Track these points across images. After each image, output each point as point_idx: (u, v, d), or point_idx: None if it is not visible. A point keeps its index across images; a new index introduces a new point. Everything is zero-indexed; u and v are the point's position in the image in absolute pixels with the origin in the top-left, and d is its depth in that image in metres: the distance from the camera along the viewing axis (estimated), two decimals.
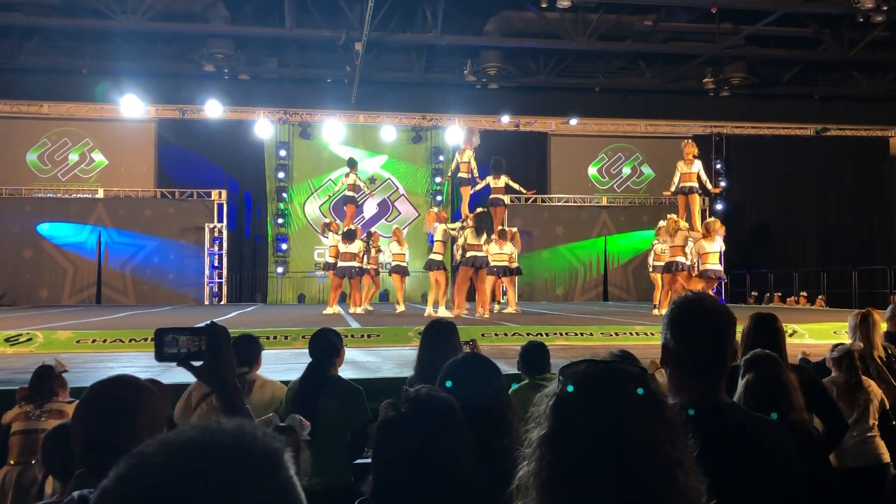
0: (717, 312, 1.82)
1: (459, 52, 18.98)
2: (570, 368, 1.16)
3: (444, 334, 3.61)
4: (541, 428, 1.12)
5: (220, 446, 0.71)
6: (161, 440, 0.72)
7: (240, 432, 0.73)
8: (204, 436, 0.72)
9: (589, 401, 1.10)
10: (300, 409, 3.66)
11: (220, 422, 0.74)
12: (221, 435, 0.72)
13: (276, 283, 21.13)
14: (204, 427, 0.73)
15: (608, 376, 1.13)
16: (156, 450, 0.71)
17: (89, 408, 1.80)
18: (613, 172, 22.97)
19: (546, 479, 1.08)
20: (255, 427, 0.75)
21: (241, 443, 0.72)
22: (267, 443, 0.73)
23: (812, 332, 9.17)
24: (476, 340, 4.41)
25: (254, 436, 0.73)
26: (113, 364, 6.72)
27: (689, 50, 18.70)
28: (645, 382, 1.14)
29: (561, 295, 21.68)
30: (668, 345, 1.80)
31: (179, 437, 0.72)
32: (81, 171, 20.58)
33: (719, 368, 1.80)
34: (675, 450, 1.08)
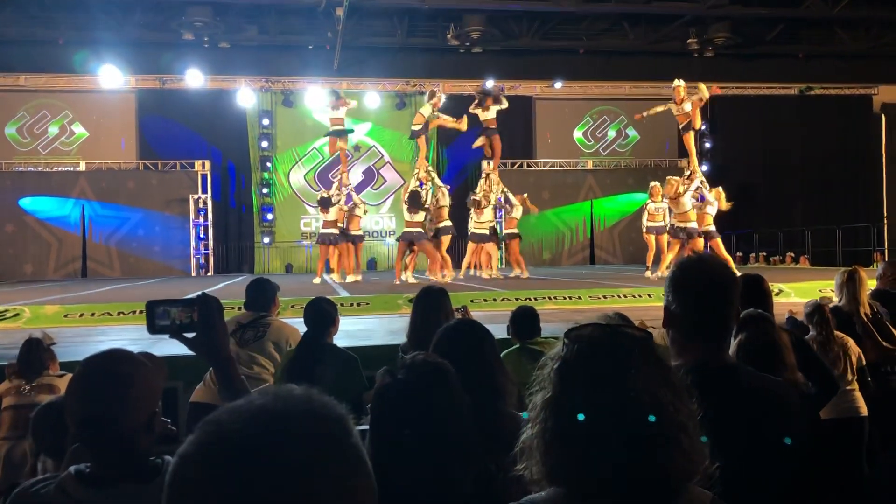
0: (721, 273, 1.80)
1: (442, 16, 18.76)
2: (575, 331, 1.16)
3: (436, 301, 3.62)
4: (545, 391, 1.13)
5: (293, 413, 0.73)
6: (233, 408, 0.73)
7: (309, 399, 0.75)
8: (277, 403, 0.73)
9: (593, 364, 1.10)
10: (296, 378, 3.67)
11: (289, 388, 0.77)
12: (293, 402, 0.74)
13: (263, 253, 21.07)
14: (276, 394, 0.75)
15: (613, 340, 1.13)
16: (231, 416, 0.72)
17: (83, 383, 1.79)
18: (599, 135, 22.94)
19: (550, 442, 1.09)
20: (321, 394, 0.77)
21: (313, 409, 0.74)
22: (336, 409, 0.76)
23: (798, 290, 9.25)
24: (467, 307, 4.41)
25: (322, 403, 0.76)
26: (102, 337, 6.70)
27: (672, 10, 18.57)
28: (651, 346, 1.14)
29: (548, 259, 21.76)
30: (671, 307, 1.79)
31: (252, 404, 0.73)
32: (62, 143, 20.34)
33: (724, 329, 1.79)
34: (678, 413, 1.08)
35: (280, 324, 4.53)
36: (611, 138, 23.00)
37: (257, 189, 21.11)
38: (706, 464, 1.10)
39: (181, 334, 1.73)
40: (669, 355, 1.17)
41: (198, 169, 20.12)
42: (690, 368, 1.70)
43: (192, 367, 4.31)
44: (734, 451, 1.24)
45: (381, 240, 21.83)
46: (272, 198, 21.15)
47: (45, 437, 2.49)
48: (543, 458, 1.09)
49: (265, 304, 4.56)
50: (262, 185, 21.05)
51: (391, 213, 21.85)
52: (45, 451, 2.51)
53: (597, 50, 20.46)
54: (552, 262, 21.67)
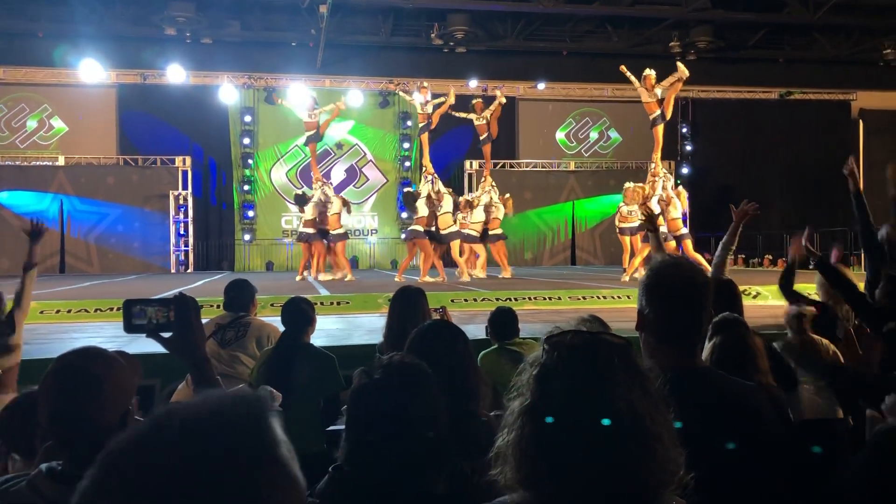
0: (694, 277, 1.80)
1: (426, 16, 18.77)
2: (554, 338, 1.16)
3: (413, 301, 3.62)
4: (523, 398, 1.12)
5: (212, 423, 0.69)
6: (137, 438, 0.68)
7: (228, 404, 0.71)
8: (187, 412, 0.70)
9: (572, 372, 1.10)
10: (273, 377, 3.66)
11: (205, 396, 0.72)
12: (205, 410, 0.70)
13: (244, 250, 20.96)
14: (184, 418, 0.70)
15: (593, 347, 1.13)
16: (131, 448, 0.68)
17: (56, 380, 1.78)
18: (581, 137, 23.02)
19: (526, 449, 1.08)
20: (241, 400, 0.72)
21: (223, 417, 0.70)
22: (252, 417, 0.71)
23: (775, 293, 9.32)
24: (446, 307, 4.41)
25: (240, 414, 0.70)
26: (78, 335, 6.65)
27: (656, 13, 18.68)
28: (630, 354, 1.14)
29: (530, 259, 21.82)
30: (644, 310, 1.79)
31: (172, 418, 0.69)
32: (41, 137, 20.12)
33: (696, 334, 1.79)
34: (654, 424, 1.08)
35: (260, 322, 4.53)
36: (593, 140, 23.10)
37: (238, 186, 20.99)
38: (681, 473, 1.10)
39: (157, 334, 1.73)
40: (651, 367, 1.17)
41: (178, 165, 19.98)
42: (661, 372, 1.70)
43: (170, 365, 4.28)
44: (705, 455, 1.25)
45: (363, 238, 21.78)
46: (253, 195, 21.04)
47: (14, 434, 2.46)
48: (518, 465, 1.09)
49: (244, 304, 4.55)
50: (244, 182, 20.94)
51: (373, 212, 21.82)
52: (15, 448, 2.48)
53: (580, 52, 20.54)
54: (534, 262, 21.74)
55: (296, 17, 18.15)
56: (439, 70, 20.06)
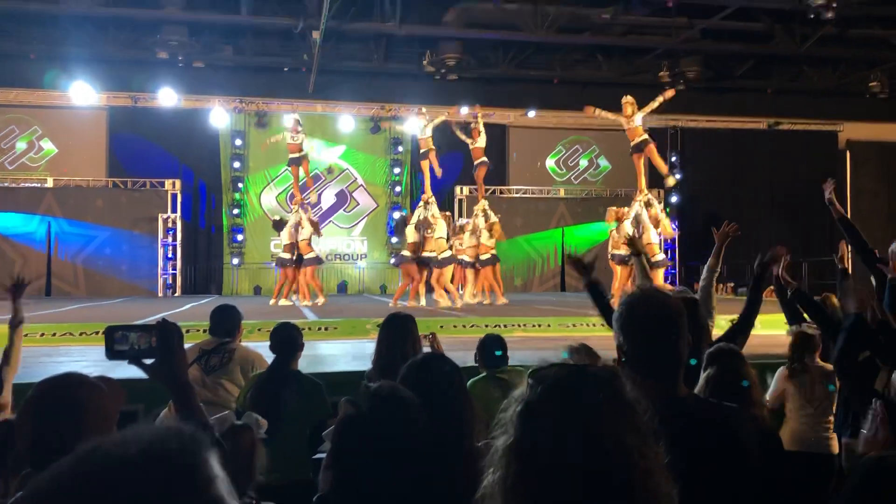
0: (666, 307, 1.81)
1: (418, 43, 18.90)
2: (539, 372, 1.13)
3: (403, 327, 3.59)
4: (507, 435, 1.09)
5: (125, 478, 0.63)
6: (78, 454, 0.66)
7: (158, 442, 0.66)
8: (119, 450, 0.65)
9: (557, 408, 1.07)
10: (261, 404, 3.62)
11: (125, 440, 0.67)
12: (137, 448, 0.65)
13: (232, 274, 20.87)
14: (123, 438, 0.66)
15: (578, 381, 1.10)
16: (70, 464, 0.65)
17: (36, 406, 1.75)
18: (571, 164, 23.15)
19: (512, 488, 1.05)
20: (167, 440, 0.67)
21: (158, 456, 0.65)
22: (184, 458, 0.66)
23: (764, 322, 9.32)
24: (435, 333, 4.39)
25: (167, 453, 0.65)
26: (62, 358, 6.57)
27: (645, 43, 18.91)
28: (617, 387, 1.12)
29: (519, 286, 21.82)
30: (623, 346, 1.79)
31: (76, 470, 0.65)
32: (30, 159, 20.05)
33: (674, 363, 1.79)
34: (643, 459, 1.05)
35: (245, 349, 4.48)
36: (583, 167, 23.23)
37: (228, 210, 20.95)
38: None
39: (140, 360, 1.70)
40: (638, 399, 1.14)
41: (168, 188, 19.94)
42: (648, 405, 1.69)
43: (154, 390, 4.22)
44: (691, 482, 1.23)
45: (352, 263, 21.74)
46: (243, 219, 21.00)
47: None
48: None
49: (230, 329, 4.50)
50: (233, 205, 20.90)
51: (363, 237, 21.80)
52: None
53: (571, 80, 20.72)
54: (523, 289, 21.73)
55: (288, 43, 18.25)
56: (431, 97, 20.17)
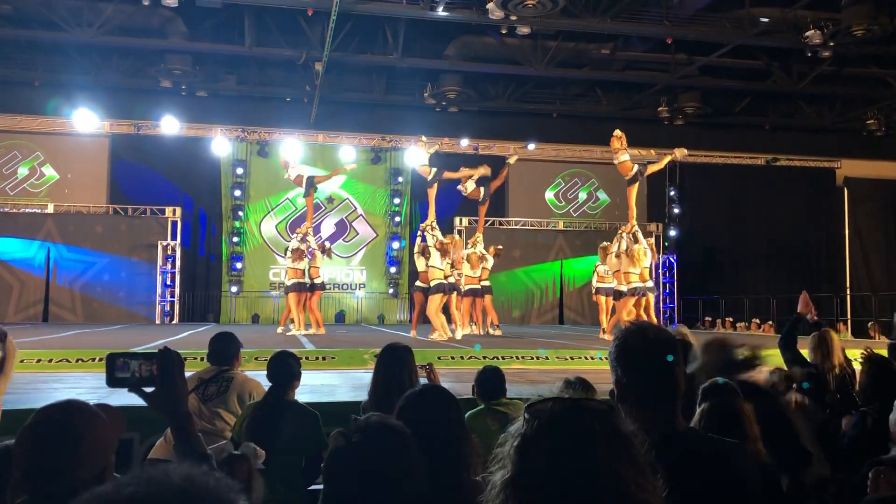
0: (660, 340, 1.82)
1: (420, 75, 19.10)
2: (535, 406, 1.14)
3: (400, 358, 3.59)
4: (504, 470, 1.09)
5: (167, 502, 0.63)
6: (99, 496, 0.64)
7: (189, 484, 0.64)
8: (149, 490, 0.63)
9: (553, 443, 1.08)
10: (257, 433, 3.60)
11: (167, 471, 0.66)
12: (168, 490, 0.64)
13: (230, 302, 20.84)
14: (149, 479, 0.65)
15: (575, 415, 1.11)
16: (112, 492, 0.63)
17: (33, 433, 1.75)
18: (570, 197, 23.25)
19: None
20: (205, 475, 0.66)
21: (190, 496, 0.64)
22: (220, 494, 0.65)
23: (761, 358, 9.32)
24: (432, 364, 4.38)
25: (206, 487, 0.65)
26: (58, 385, 6.54)
27: (644, 78, 19.11)
28: (613, 420, 1.12)
29: (517, 318, 21.78)
30: (620, 380, 1.80)
31: (121, 492, 0.63)
32: (31, 185, 20.12)
33: (671, 395, 1.80)
34: (641, 491, 1.06)
35: (243, 377, 4.46)
36: (582, 200, 23.32)
37: (227, 238, 20.98)
38: None
39: (140, 388, 1.71)
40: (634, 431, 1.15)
41: (168, 215, 19.99)
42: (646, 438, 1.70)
43: (149, 419, 4.20)
44: None
45: (350, 292, 21.72)
46: (242, 247, 21.02)
47: None
48: None
49: (228, 358, 4.49)
50: (233, 233, 20.93)
51: (362, 266, 21.82)
52: None
53: (570, 114, 20.92)
54: (521, 321, 21.69)
55: (291, 73, 18.43)
56: (432, 128, 20.30)
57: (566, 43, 17.34)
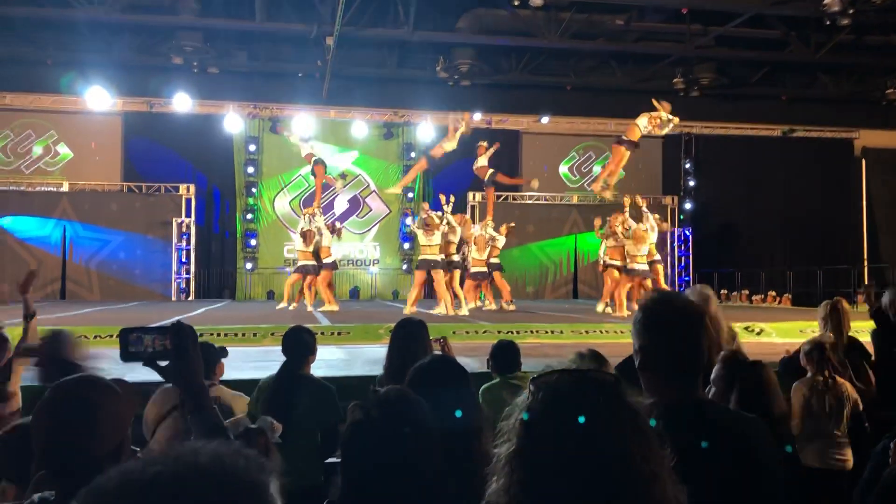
0: (687, 310, 1.81)
1: (432, 49, 18.93)
2: (540, 379, 1.13)
3: (414, 333, 3.59)
4: (510, 444, 1.09)
5: (192, 482, 0.62)
6: (125, 474, 0.63)
7: (218, 464, 0.63)
8: (177, 469, 0.62)
9: (558, 415, 1.07)
10: (272, 408, 3.62)
11: (196, 450, 0.64)
12: (195, 468, 0.63)
13: (245, 279, 20.95)
14: (176, 458, 0.64)
15: (579, 387, 1.10)
16: (118, 487, 0.62)
17: (50, 409, 1.75)
18: (584, 170, 23.11)
19: (515, 496, 1.05)
20: (235, 455, 0.65)
21: (217, 477, 0.63)
22: (250, 474, 0.64)
23: (779, 330, 9.29)
24: (447, 338, 4.38)
25: (234, 467, 0.64)
26: None
27: (659, 50, 18.85)
28: (619, 391, 1.10)
29: (531, 293, 21.77)
30: (642, 348, 1.78)
31: (147, 471, 0.63)
32: (46, 163, 20.22)
33: (695, 367, 1.79)
34: (648, 463, 1.04)
35: (222, 391, 4.26)
36: (596, 174, 23.14)
37: (241, 215, 21.04)
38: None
39: (154, 362, 1.71)
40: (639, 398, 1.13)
41: (182, 193, 20.06)
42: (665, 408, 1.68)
43: None
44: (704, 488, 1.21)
45: (364, 268, 21.77)
46: (256, 224, 21.08)
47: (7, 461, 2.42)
48: None
49: (206, 371, 4.29)
50: (247, 210, 20.99)
51: (375, 242, 21.84)
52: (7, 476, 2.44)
53: (584, 86, 20.69)
54: (535, 296, 21.69)
55: (302, 49, 18.32)
56: (444, 102, 20.21)
57: (580, 14, 17.12)
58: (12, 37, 17.81)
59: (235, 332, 8.15)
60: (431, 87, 19.86)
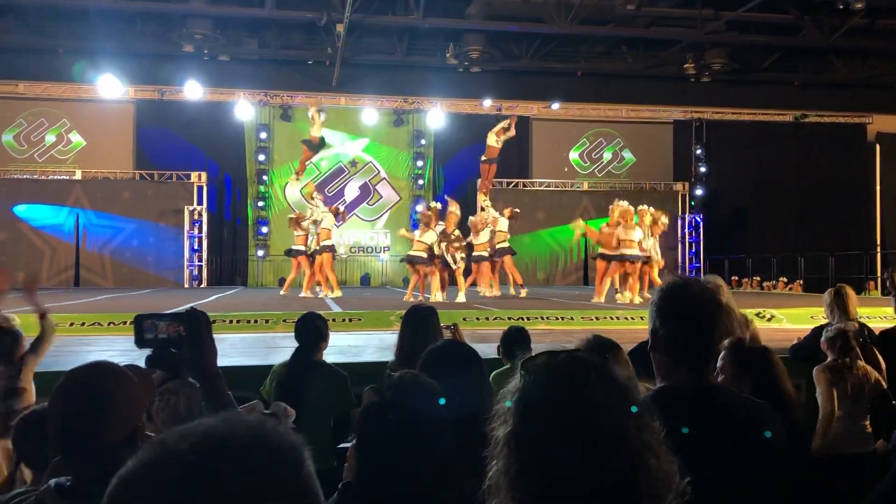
0: (704, 297, 1.81)
1: (442, 36, 18.88)
2: (529, 362, 1.15)
3: (425, 319, 3.61)
4: (506, 425, 1.10)
5: (242, 438, 0.70)
6: (182, 430, 0.71)
7: (261, 426, 0.73)
8: (226, 427, 0.71)
9: (550, 393, 1.09)
10: (285, 394, 3.65)
11: (240, 414, 0.75)
12: (243, 427, 0.72)
13: (257, 266, 21.03)
14: (225, 419, 0.73)
15: (568, 366, 1.12)
16: (177, 439, 0.70)
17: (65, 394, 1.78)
18: (595, 157, 23.03)
19: (515, 477, 1.07)
20: (275, 422, 0.76)
21: (262, 436, 0.72)
22: (288, 438, 0.74)
23: (790, 316, 9.26)
24: (457, 325, 4.40)
25: (276, 430, 0.74)
26: (91, 348, 6.67)
27: (670, 35, 18.70)
28: (607, 368, 1.12)
29: (542, 279, 21.77)
30: (656, 331, 1.80)
31: (200, 427, 0.71)
32: (58, 151, 20.33)
33: (707, 352, 1.79)
34: (643, 433, 1.06)
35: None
36: (606, 160, 23.09)
37: (253, 202, 21.11)
38: (677, 482, 1.08)
39: (168, 348, 1.73)
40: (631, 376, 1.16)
41: (194, 181, 20.13)
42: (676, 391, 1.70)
43: None
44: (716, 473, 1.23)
45: (374, 255, 21.81)
46: (267, 211, 21.14)
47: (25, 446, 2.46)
48: (510, 493, 1.07)
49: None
50: (258, 198, 21.05)
51: (386, 230, 21.86)
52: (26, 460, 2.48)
53: (595, 72, 20.59)
54: (546, 282, 21.68)
55: (312, 36, 18.30)
56: (454, 89, 20.17)
57: (590, 0, 17.02)
58: (25, 26, 17.88)
59: (248, 318, 8.19)
60: (441, 73, 19.82)
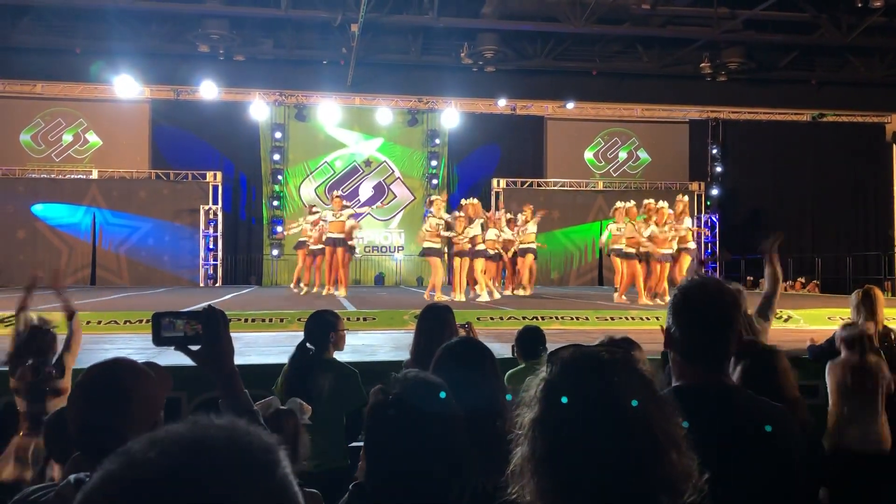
0: (721, 296, 1.81)
1: (456, 35, 18.86)
2: (556, 353, 1.19)
3: (441, 318, 3.61)
4: (532, 411, 1.13)
5: (212, 442, 0.67)
6: (150, 436, 0.68)
7: (233, 428, 0.70)
8: (195, 432, 0.68)
9: (578, 381, 1.12)
10: (296, 391, 3.66)
11: (211, 418, 0.71)
12: (214, 431, 0.69)
13: (272, 265, 21.12)
14: (195, 423, 0.70)
15: (595, 359, 1.15)
16: (144, 445, 0.67)
17: (84, 391, 1.80)
18: (610, 157, 22.95)
19: (540, 460, 1.09)
20: (248, 424, 0.72)
21: (235, 438, 0.68)
22: (262, 440, 0.70)
23: (807, 317, 9.20)
24: (472, 323, 4.40)
25: (247, 432, 0.70)
26: (108, 346, 6.72)
27: (686, 34, 18.61)
28: (633, 363, 1.15)
29: (556, 279, 21.72)
30: (672, 329, 1.80)
31: (169, 433, 0.68)
32: (75, 151, 20.49)
33: (723, 352, 1.79)
34: (666, 424, 1.08)
35: None
36: (622, 160, 23.01)
37: (268, 201, 21.20)
38: (696, 478, 1.09)
39: (186, 346, 1.73)
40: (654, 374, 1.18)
41: (209, 180, 20.23)
42: (690, 390, 1.70)
43: (197, 378, 4.30)
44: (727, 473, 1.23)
45: (389, 255, 21.84)
46: (282, 210, 21.22)
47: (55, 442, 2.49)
48: (534, 479, 1.09)
49: None
50: (273, 197, 21.14)
51: (400, 229, 21.89)
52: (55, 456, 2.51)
53: (610, 72, 20.50)
54: (560, 282, 21.63)
55: (327, 36, 18.35)
56: (469, 89, 20.16)
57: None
58: (42, 26, 18.02)
59: (263, 317, 8.23)
60: (456, 73, 19.80)
